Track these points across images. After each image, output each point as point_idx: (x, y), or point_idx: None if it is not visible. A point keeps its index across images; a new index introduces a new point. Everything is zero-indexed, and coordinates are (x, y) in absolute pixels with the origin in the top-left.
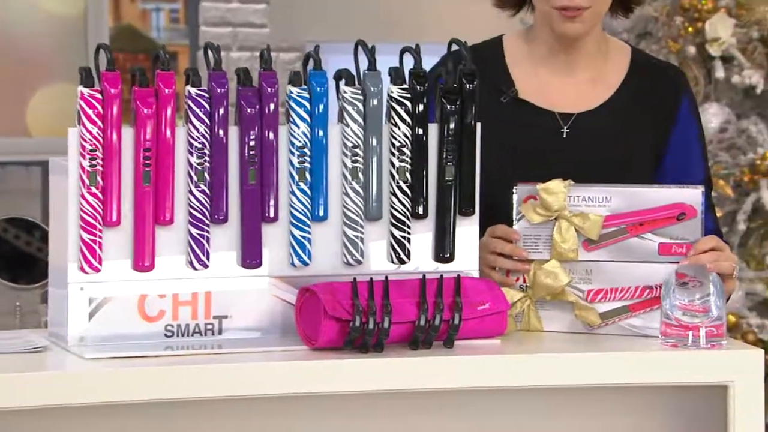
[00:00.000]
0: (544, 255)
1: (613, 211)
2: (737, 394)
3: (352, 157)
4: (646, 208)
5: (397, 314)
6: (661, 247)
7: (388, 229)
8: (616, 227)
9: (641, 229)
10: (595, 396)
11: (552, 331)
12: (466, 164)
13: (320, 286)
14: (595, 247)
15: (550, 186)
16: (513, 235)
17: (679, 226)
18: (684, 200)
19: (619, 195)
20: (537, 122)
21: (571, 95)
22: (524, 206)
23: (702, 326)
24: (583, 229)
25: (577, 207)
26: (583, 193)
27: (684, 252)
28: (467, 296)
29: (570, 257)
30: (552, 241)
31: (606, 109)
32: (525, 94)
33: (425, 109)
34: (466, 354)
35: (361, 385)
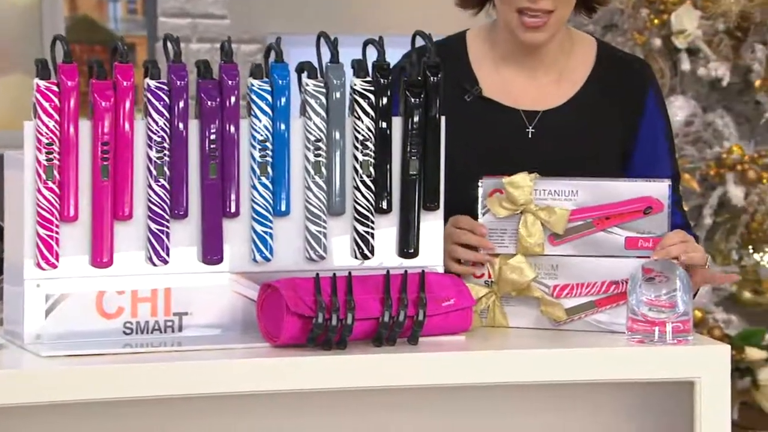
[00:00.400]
0: (509, 249)
1: (579, 205)
2: (704, 390)
3: (314, 151)
4: (612, 202)
5: (361, 310)
6: (627, 241)
7: (352, 224)
8: (583, 221)
9: (607, 223)
10: (560, 392)
11: (517, 327)
12: (430, 158)
13: (282, 282)
14: (561, 242)
15: (516, 179)
16: (481, 229)
17: (646, 220)
18: (651, 194)
19: (586, 189)
20: (502, 121)
21: (536, 93)
22: (490, 200)
23: (668, 322)
24: (549, 223)
25: (543, 201)
26: (549, 187)
27: (651, 246)
28: (432, 292)
29: (536, 252)
30: (517, 235)
31: (571, 106)
32: (489, 93)
33: (389, 102)
34: (430, 351)
35: (323, 382)
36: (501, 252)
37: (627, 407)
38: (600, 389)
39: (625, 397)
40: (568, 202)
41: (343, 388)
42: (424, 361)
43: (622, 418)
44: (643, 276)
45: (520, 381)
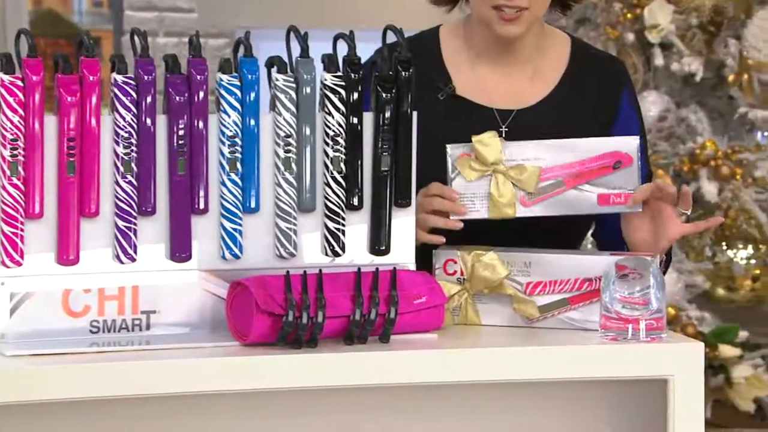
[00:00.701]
0: (481, 213)
1: (548, 165)
2: (677, 388)
3: (284, 147)
4: (581, 159)
5: (332, 308)
6: (599, 197)
7: (322, 221)
8: (553, 180)
9: (578, 181)
10: (533, 391)
11: (490, 325)
12: (402, 154)
13: (252, 279)
14: (533, 202)
15: (484, 138)
16: (452, 194)
17: (616, 175)
18: (619, 149)
19: (554, 148)
20: (475, 119)
21: (510, 91)
22: (459, 161)
23: (642, 319)
24: (521, 181)
25: (513, 161)
26: (518, 148)
27: (623, 201)
28: (403, 289)
29: (507, 213)
30: (489, 197)
31: (545, 105)
32: (463, 91)
33: (360, 98)
34: (402, 349)
35: (294, 381)
36: (473, 216)
37: (600, 405)
38: (573, 387)
39: (599, 395)
40: (537, 162)
41: (313, 387)
42: (395, 359)
43: (596, 416)
44: (617, 273)
45: (493, 379)
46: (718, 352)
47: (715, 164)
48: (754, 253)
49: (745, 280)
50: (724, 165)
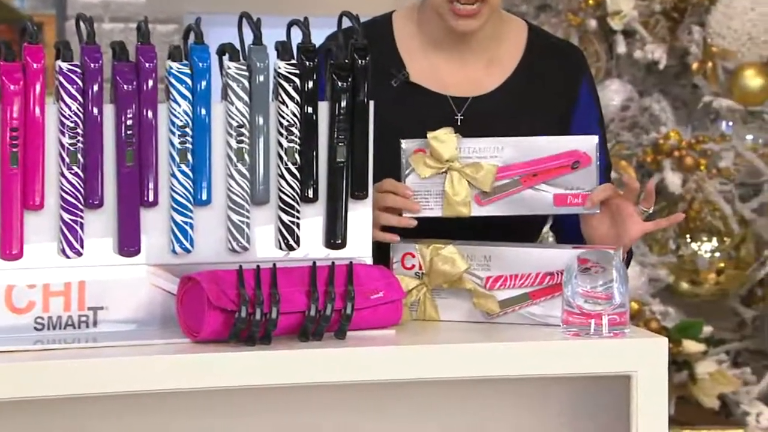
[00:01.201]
0: (435, 211)
1: (505, 162)
2: (640, 384)
3: (237, 137)
4: (539, 158)
5: (286, 304)
6: (556, 197)
7: (276, 214)
8: (509, 179)
9: (535, 180)
10: (494, 388)
11: (449, 321)
12: (358, 144)
13: (203, 274)
14: (488, 201)
15: (440, 134)
16: (405, 190)
17: (574, 175)
18: (578, 148)
19: (511, 145)
20: (430, 107)
21: (465, 79)
22: (414, 158)
23: (604, 314)
24: (476, 180)
25: (469, 160)
26: (474, 145)
27: (580, 202)
28: (360, 284)
29: (462, 211)
30: (443, 195)
31: (501, 92)
32: (417, 78)
33: (315, 86)
34: (358, 345)
35: (247, 379)
36: (426, 215)
37: (562, 402)
38: (534, 384)
39: (561, 391)
40: (493, 160)
41: (267, 385)
42: (351, 356)
43: (557, 413)
44: (579, 267)
45: (452, 376)
46: (681, 347)
47: (679, 155)
48: (718, 245)
49: (710, 274)
50: (688, 155)
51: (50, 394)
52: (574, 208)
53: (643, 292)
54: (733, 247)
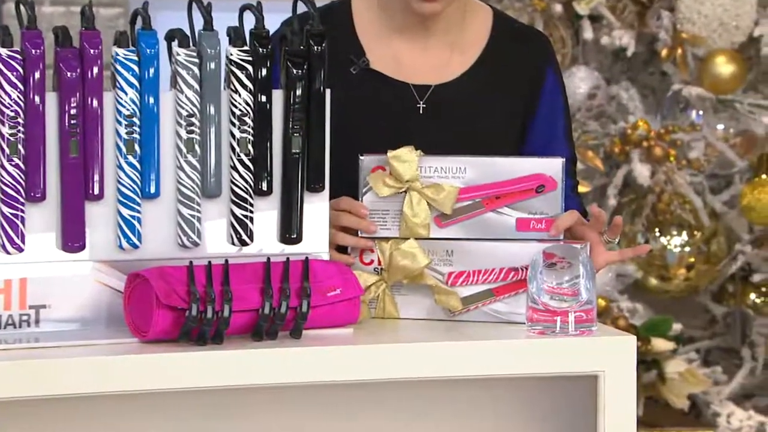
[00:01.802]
0: (392, 232)
1: (467, 184)
2: (608, 384)
3: (187, 127)
4: (502, 180)
5: (239, 302)
6: (518, 222)
7: (229, 208)
8: (471, 201)
9: (498, 203)
10: (456, 388)
11: (409, 318)
12: (314, 135)
13: (152, 271)
14: (449, 223)
15: (401, 153)
16: (361, 210)
17: (539, 199)
18: (543, 171)
19: (475, 166)
20: (391, 95)
21: (427, 66)
22: (372, 177)
23: (571, 311)
24: (436, 201)
25: (429, 179)
26: (436, 164)
27: (544, 228)
28: (316, 281)
29: (420, 233)
30: (402, 215)
31: (465, 80)
32: (377, 65)
33: (268, 74)
34: (315, 345)
35: (198, 381)
36: (384, 235)
37: (527, 402)
38: (498, 384)
39: (525, 391)
40: (455, 180)
41: (219, 387)
42: (307, 356)
43: (522, 414)
44: (544, 262)
45: (412, 377)
46: (650, 346)
47: (648, 145)
48: (688, 240)
49: (679, 269)
50: (656, 146)
51: None
52: (536, 234)
53: (610, 288)
54: (704, 242)
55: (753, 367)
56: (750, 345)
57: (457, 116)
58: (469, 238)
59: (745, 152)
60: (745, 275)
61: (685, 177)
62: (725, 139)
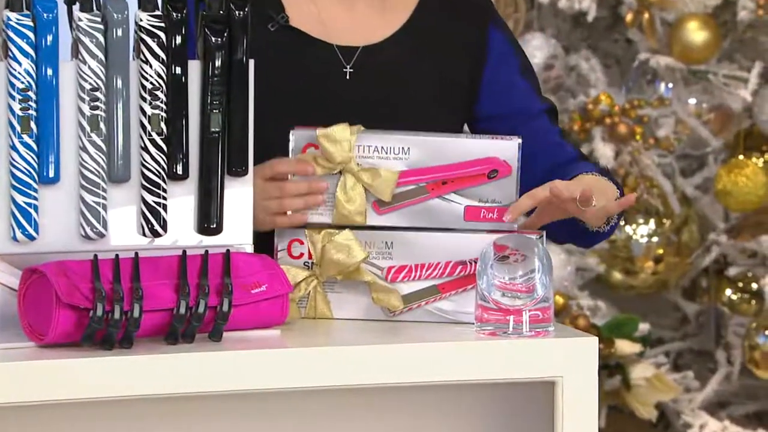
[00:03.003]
0: (324, 218)
1: (411, 166)
2: (566, 391)
3: (90, 103)
4: (450, 163)
5: (151, 300)
6: (467, 210)
7: (139, 194)
8: (414, 185)
9: (444, 189)
10: (396, 396)
11: (344, 319)
12: (236, 111)
13: (51, 266)
14: (388, 210)
15: (334, 132)
16: (307, 168)
17: (491, 185)
18: (497, 154)
19: (421, 146)
20: (314, 58)
21: (355, 25)
22: (303, 156)
23: (525, 309)
24: (373, 187)
25: (368, 159)
26: (376, 143)
27: (495, 217)
28: (239, 277)
29: (356, 221)
30: (335, 200)
31: (397, 41)
32: (298, 22)
33: (183, 42)
34: (237, 348)
35: (104, 390)
36: (317, 221)
37: (476, 411)
38: (444, 391)
39: (475, 400)
40: (397, 162)
41: (128, 397)
42: (229, 361)
43: (471, 424)
44: (495, 255)
45: (347, 384)
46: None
47: (611, 122)
48: (656, 229)
49: (646, 262)
50: (621, 123)
51: None
52: (486, 224)
53: (569, 283)
54: (674, 231)
55: (729, 372)
56: (725, 347)
57: (388, 80)
58: (411, 227)
59: (719, 130)
60: (719, 268)
61: (653, 158)
62: (698, 114)
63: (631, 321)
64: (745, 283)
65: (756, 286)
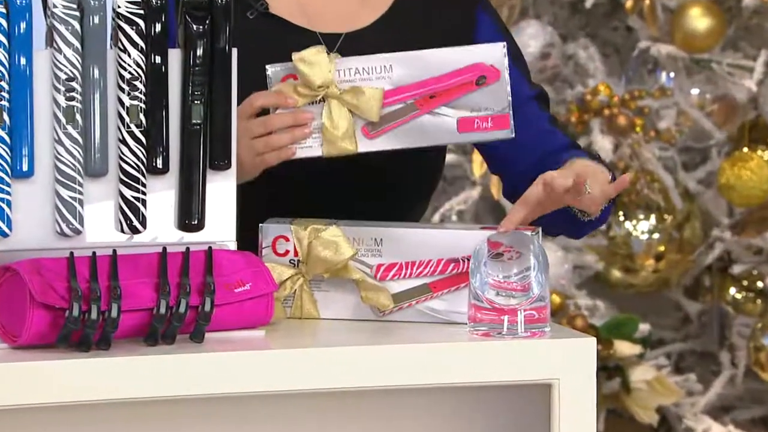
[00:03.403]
0: (314, 150)
1: (395, 84)
2: (563, 394)
3: (66, 93)
4: (436, 76)
5: (129, 300)
6: (460, 122)
7: (117, 188)
8: (402, 103)
9: (433, 103)
10: (384, 400)
11: (331, 319)
12: (218, 102)
13: (25, 263)
14: (378, 132)
15: (307, 55)
16: (287, 99)
17: (480, 93)
18: (482, 60)
19: (403, 62)
20: (295, 46)
21: (337, 11)
22: (283, 86)
23: (520, 309)
24: (358, 107)
25: (351, 83)
26: (356, 65)
27: (490, 126)
28: (222, 275)
29: (346, 148)
30: (322, 129)
31: (381, 27)
32: (278, 9)
33: (164, 30)
34: (220, 350)
35: (80, 393)
36: (305, 154)
37: (469, 416)
38: (436, 395)
39: (467, 403)
40: (381, 81)
41: (106, 401)
42: (211, 363)
43: (464, 429)
44: (489, 252)
45: (335, 387)
46: (613, 349)
47: (610, 113)
48: (657, 225)
49: (647, 259)
50: (620, 114)
51: None
52: (482, 134)
53: (566, 282)
54: (676, 227)
55: (733, 374)
56: (729, 348)
57: None
58: (405, 148)
59: (723, 121)
60: (723, 266)
61: (654, 151)
62: (701, 105)
63: (630, 321)
64: (750, 282)
65: (761, 284)
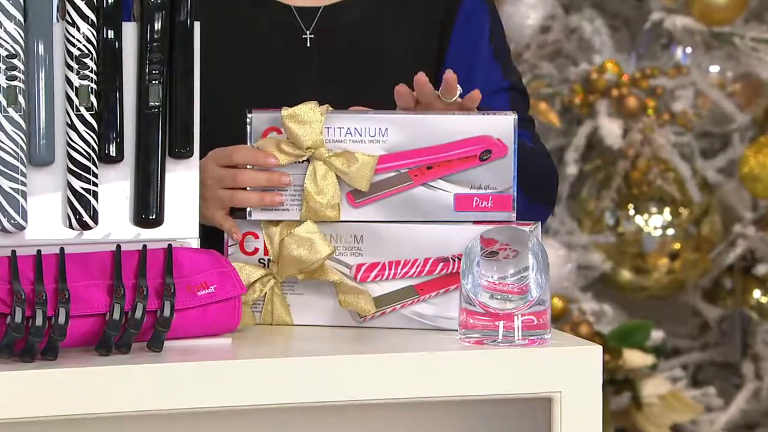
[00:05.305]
0: (291, 214)
1: (390, 150)
2: (565, 409)
3: (6, 72)
4: (436, 145)
5: (79, 304)
6: (457, 199)
7: (64, 179)
8: (395, 172)
9: (430, 174)
10: (365, 414)
11: (305, 325)
12: (179, 83)
13: None
14: (366, 201)
15: (301, 112)
16: (268, 158)
17: (484, 168)
18: (489, 132)
19: (400, 126)
20: (268, 22)
21: None
22: (264, 142)
23: (517, 314)
24: (348, 175)
25: (340, 144)
26: (348, 123)
27: (490, 206)
28: (183, 276)
29: (329, 216)
30: (303, 193)
31: (360, 1)
32: None
33: (117, 2)
34: (181, 360)
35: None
36: (278, 218)
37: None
38: (422, 409)
39: (458, 419)
40: (374, 145)
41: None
42: (171, 375)
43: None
44: (482, 250)
45: (309, 401)
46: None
47: (619, 94)
48: (672, 219)
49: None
50: (630, 95)
51: None
52: (481, 215)
53: (569, 284)
54: (693, 222)
55: (757, 388)
56: (753, 359)
57: (354, 46)
58: (393, 220)
59: (746, 103)
60: (746, 266)
61: (669, 136)
62: (721, 85)
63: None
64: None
65: None
